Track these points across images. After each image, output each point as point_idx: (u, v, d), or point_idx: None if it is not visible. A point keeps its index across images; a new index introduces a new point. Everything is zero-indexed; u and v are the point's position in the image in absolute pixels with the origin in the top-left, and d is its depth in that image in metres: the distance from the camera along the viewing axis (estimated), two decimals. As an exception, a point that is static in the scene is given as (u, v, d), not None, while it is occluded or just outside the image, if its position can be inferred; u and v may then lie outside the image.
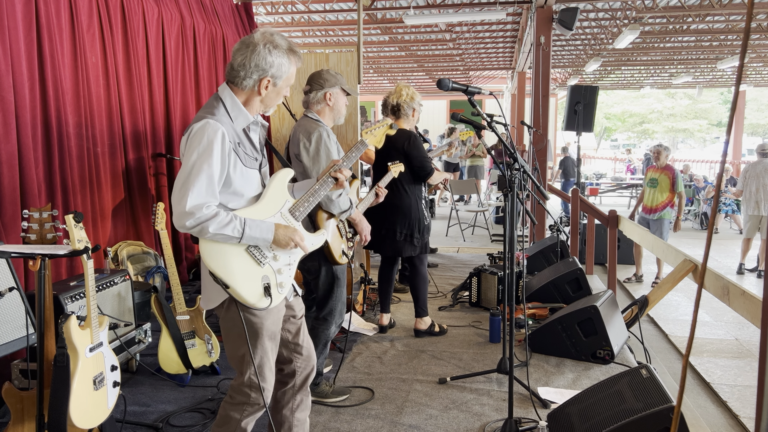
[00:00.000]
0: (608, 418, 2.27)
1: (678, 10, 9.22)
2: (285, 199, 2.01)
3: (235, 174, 1.86)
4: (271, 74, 1.89)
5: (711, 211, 1.29)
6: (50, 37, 3.38)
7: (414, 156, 3.77)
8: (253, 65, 1.86)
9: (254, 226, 1.85)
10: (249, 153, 1.93)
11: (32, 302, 2.40)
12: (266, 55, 1.86)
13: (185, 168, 1.79)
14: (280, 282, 1.96)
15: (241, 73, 1.87)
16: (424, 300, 3.99)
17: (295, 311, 2.16)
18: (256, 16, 7.60)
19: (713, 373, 4.50)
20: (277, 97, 1.96)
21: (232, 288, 1.83)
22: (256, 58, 1.86)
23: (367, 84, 19.79)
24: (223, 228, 1.78)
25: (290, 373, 2.18)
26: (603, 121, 34.24)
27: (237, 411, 1.99)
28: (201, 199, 1.76)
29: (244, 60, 1.86)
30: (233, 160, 1.84)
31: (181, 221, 1.76)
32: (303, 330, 2.20)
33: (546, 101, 6.59)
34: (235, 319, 1.93)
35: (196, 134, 1.80)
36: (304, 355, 2.19)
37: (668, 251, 4.22)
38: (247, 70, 1.87)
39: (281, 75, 1.91)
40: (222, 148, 1.80)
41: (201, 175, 1.76)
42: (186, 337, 3.23)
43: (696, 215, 12.04)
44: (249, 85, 1.89)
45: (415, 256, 3.89)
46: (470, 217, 9.62)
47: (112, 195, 4.11)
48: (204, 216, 1.76)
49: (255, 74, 1.88)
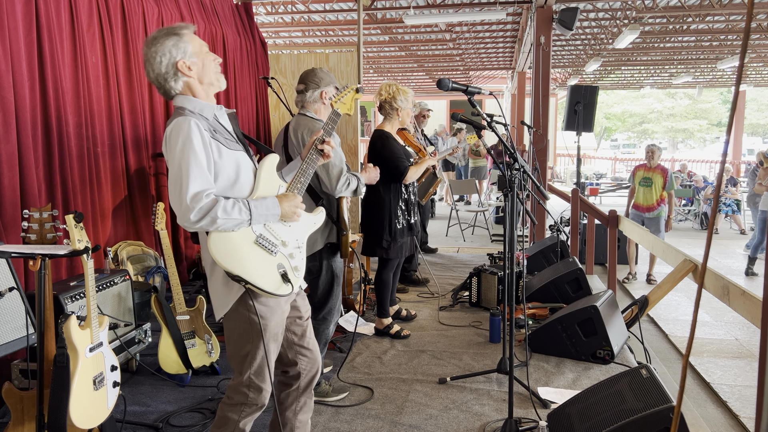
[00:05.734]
0: (608, 418, 2.27)
1: (678, 10, 9.22)
2: (278, 183, 2.00)
3: (222, 160, 1.85)
4: (179, 56, 1.87)
5: (711, 211, 1.29)
6: (50, 37, 3.38)
7: (386, 157, 3.76)
8: (160, 66, 1.86)
9: (260, 204, 1.86)
10: (228, 137, 1.92)
11: (32, 302, 2.40)
12: (157, 51, 1.85)
13: (172, 168, 1.79)
14: (295, 266, 1.98)
15: (162, 81, 1.88)
16: (381, 302, 4.00)
17: (301, 312, 2.15)
18: (256, 16, 7.60)
19: (713, 373, 4.50)
20: (206, 69, 1.92)
21: (252, 283, 1.83)
22: (156, 61, 1.86)
23: (367, 84, 19.77)
24: (231, 211, 1.78)
25: (295, 375, 2.17)
26: (603, 121, 34.23)
27: (235, 412, 1.98)
28: (197, 187, 1.75)
29: (153, 72, 1.87)
30: (216, 147, 1.84)
31: (185, 217, 1.75)
32: (309, 332, 2.19)
33: (546, 101, 6.59)
34: (239, 320, 1.93)
35: (171, 135, 1.80)
36: (309, 357, 2.18)
37: (668, 251, 4.22)
38: (162, 74, 1.87)
39: (185, 50, 1.87)
40: (201, 137, 1.79)
41: (190, 167, 1.75)
42: (186, 337, 3.23)
43: (696, 215, 12.04)
44: (177, 81, 1.89)
45: (385, 258, 3.88)
46: (470, 217, 9.62)
47: (112, 195, 4.11)
48: (206, 205, 1.75)
49: (170, 69, 1.87)
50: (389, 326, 4.00)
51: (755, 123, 33.30)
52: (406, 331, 4.03)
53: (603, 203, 14.39)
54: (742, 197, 11.41)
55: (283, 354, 2.14)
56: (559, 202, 9.28)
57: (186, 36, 1.89)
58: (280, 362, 2.16)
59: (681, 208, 12.50)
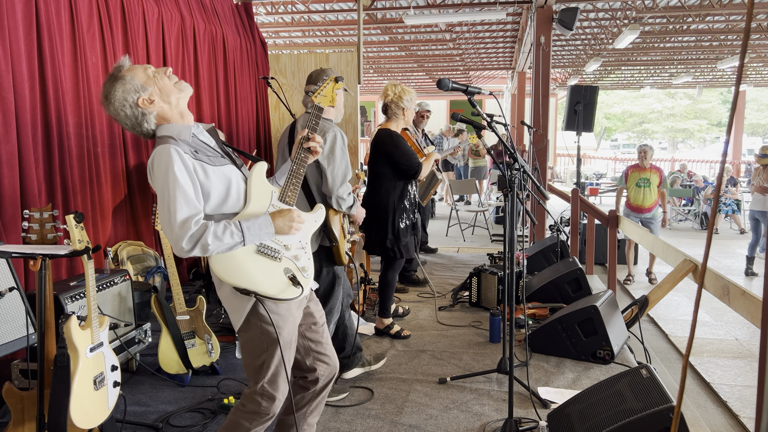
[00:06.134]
0: (608, 418, 2.27)
1: (678, 10, 9.22)
2: (270, 190, 1.98)
3: (209, 179, 1.83)
4: (133, 97, 1.83)
5: (711, 211, 1.29)
6: (50, 37, 3.38)
7: (397, 155, 3.75)
8: (130, 116, 1.84)
9: (251, 224, 1.84)
10: (211, 154, 1.91)
11: (32, 302, 2.40)
12: (114, 100, 1.82)
13: (160, 198, 1.78)
14: (302, 267, 1.98)
15: (139, 128, 1.87)
16: (384, 301, 4.00)
17: (315, 318, 2.15)
18: (256, 16, 7.60)
19: (713, 373, 4.50)
20: (163, 90, 1.87)
21: (262, 294, 1.84)
22: (122, 115, 1.84)
23: (367, 84, 19.79)
24: (222, 236, 1.77)
25: (313, 381, 2.17)
26: (603, 121, 34.22)
27: (247, 419, 1.98)
28: (184, 214, 1.74)
29: (129, 124, 1.86)
30: (200, 168, 1.82)
31: (178, 246, 1.75)
32: (326, 337, 2.19)
33: (546, 101, 6.59)
34: (252, 330, 1.93)
35: (154, 164, 1.79)
36: (327, 363, 2.18)
37: (668, 251, 4.22)
38: (135, 122, 1.86)
39: (134, 86, 1.83)
40: (182, 163, 1.77)
41: (176, 195, 1.75)
42: (186, 337, 3.23)
43: (696, 215, 12.03)
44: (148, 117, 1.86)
45: (392, 257, 3.88)
46: (470, 217, 9.62)
47: (112, 195, 4.11)
48: (196, 232, 1.74)
49: (137, 113, 1.84)
50: (389, 326, 4.00)
51: (755, 123, 33.29)
52: (406, 331, 4.03)
53: (603, 203, 14.39)
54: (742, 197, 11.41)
55: (301, 361, 2.14)
56: (559, 202, 9.28)
57: (128, 74, 1.84)
58: (299, 369, 2.16)
59: (681, 208, 12.49)
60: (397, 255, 3.83)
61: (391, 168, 3.76)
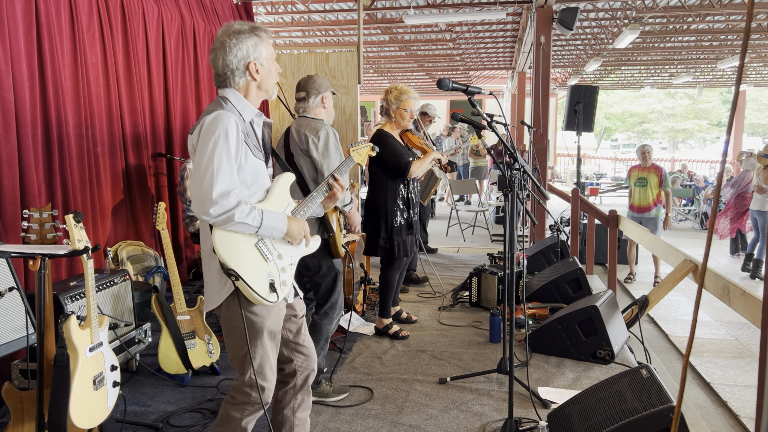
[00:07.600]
0: (608, 418, 2.27)
1: (678, 10, 9.21)
2: (287, 201, 2.08)
3: (246, 163, 1.90)
4: (254, 57, 1.94)
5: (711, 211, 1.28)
6: (50, 37, 3.38)
7: (386, 155, 3.75)
8: (233, 60, 1.91)
9: (271, 217, 1.91)
10: (256, 145, 1.98)
11: (32, 302, 2.40)
12: (237, 45, 1.91)
13: (203, 158, 1.81)
14: (283, 280, 2.01)
15: (227, 73, 1.93)
16: (384, 301, 4.01)
17: (296, 311, 2.18)
18: (256, 16, 7.60)
19: (713, 373, 4.50)
20: (269, 77, 2.00)
21: (242, 278, 1.86)
22: (232, 52, 1.90)
23: (367, 84, 19.79)
24: (246, 217, 1.83)
25: (291, 373, 2.19)
26: (603, 121, 34.21)
27: (238, 411, 2.00)
28: (226, 186, 1.80)
29: (223, 61, 1.92)
30: (244, 150, 1.89)
31: (206, 210, 1.78)
32: (304, 329, 2.22)
33: (546, 101, 6.58)
34: (236, 320, 1.94)
35: (210, 125, 1.83)
36: (305, 354, 2.21)
37: (668, 251, 4.22)
38: (231, 67, 1.92)
39: (261, 53, 1.95)
40: (237, 137, 1.85)
41: (222, 163, 1.80)
42: (186, 338, 3.23)
43: (696, 215, 12.04)
44: (241, 77, 1.94)
45: (385, 258, 3.88)
46: (470, 217, 9.62)
47: (112, 195, 4.11)
48: (229, 204, 1.79)
49: (240, 65, 1.92)
50: (388, 326, 4.00)
51: (755, 123, 33.28)
52: (404, 331, 4.02)
53: (603, 203, 14.39)
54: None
55: (279, 352, 2.15)
56: (559, 202, 9.27)
57: (265, 40, 1.96)
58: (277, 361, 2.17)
59: (681, 208, 12.50)
60: (394, 253, 3.83)
61: (381, 167, 3.78)
